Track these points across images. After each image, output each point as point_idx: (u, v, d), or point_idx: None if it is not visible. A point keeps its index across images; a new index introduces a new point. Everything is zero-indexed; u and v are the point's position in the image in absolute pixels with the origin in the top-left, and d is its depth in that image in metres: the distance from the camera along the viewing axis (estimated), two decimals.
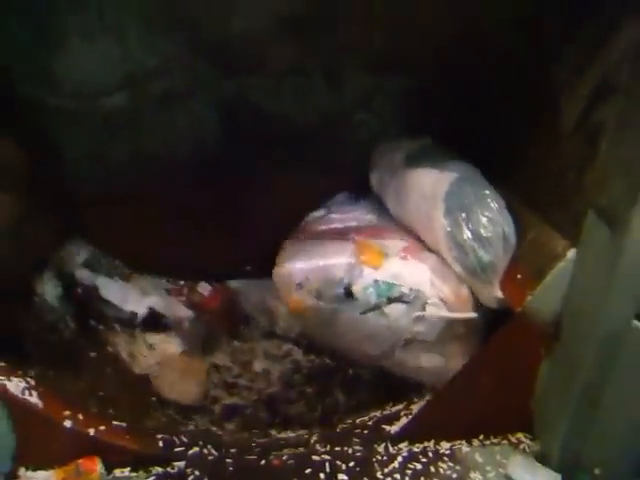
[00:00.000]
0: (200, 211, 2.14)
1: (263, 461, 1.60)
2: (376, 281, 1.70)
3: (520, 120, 1.71)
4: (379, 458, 1.61)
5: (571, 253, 1.44)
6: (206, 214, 2.15)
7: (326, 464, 1.58)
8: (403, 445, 1.66)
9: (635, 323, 1.34)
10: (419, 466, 1.59)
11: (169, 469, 1.57)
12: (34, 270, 1.88)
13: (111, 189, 2.04)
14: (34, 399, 1.50)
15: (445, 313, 1.66)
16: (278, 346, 2.23)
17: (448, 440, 1.69)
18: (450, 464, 1.60)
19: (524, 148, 1.68)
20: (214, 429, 1.80)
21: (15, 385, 1.49)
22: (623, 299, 1.33)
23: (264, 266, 2.31)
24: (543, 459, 1.59)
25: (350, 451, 1.64)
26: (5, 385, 1.47)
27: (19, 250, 1.70)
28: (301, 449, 1.66)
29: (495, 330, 1.60)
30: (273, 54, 2.01)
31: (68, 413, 1.54)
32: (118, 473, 1.56)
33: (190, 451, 1.62)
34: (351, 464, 1.58)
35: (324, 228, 1.99)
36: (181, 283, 2.30)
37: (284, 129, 2.08)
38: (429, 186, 1.73)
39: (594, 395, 1.44)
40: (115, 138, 2.01)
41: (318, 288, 1.76)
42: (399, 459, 1.61)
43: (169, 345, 2.10)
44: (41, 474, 1.53)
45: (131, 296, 2.12)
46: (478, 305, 1.68)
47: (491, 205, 1.60)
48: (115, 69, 1.92)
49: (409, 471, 1.57)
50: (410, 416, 1.69)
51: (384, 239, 1.83)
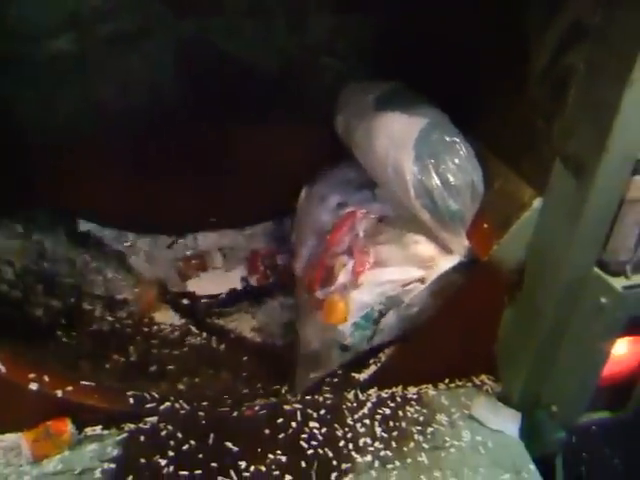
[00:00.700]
0: (158, 162, 2.05)
1: (235, 412, 1.63)
2: (354, 324, 1.68)
3: (487, 65, 1.66)
4: (349, 405, 1.66)
5: (537, 202, 1.44)
6: (165, 165, 2.06)
7: (297, 413, 1.62)
8: (372, 391, 1.71)
9: (595, 270, 1.37)
10: (388, 411, 1.64)
11: (141, 425, 1.58)
12: None
13: (61, 141, 1.92)
14: None
15: (423, 286, 1.66)
16: None
17: (415, 385, 1.74)
18: (417, 408, 1.66)
19: (492, 94, 1.64)
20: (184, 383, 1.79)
21: None
22: (586, 247, 1.35)
23: (228, 217, 2.28)
24: (505, 399, 1.67)
25: (320, 399, 1.68)
26: None
27: None
28: (272, 399, 1.69)
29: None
30: None
31: (33, 376, 1.51)
32: (90, 431, 1.56)
33: (162, 406, 1.63)
34: (322, 412, 1.63)
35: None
36: None
37: (245, 74, 1.97)
38: (398, 132, 1.68)
39: (554, 339, 1.50)
40: (63, 85, 1.86)
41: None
42: (368, 405, 1.66)
43: None
44: (10, 436, 1.52)
45: None
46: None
47: (460, 153, 1.57)
48: (58, 8, 1.75)
49: (378, 416, 1.62)
50: (378, 363, 1.72)
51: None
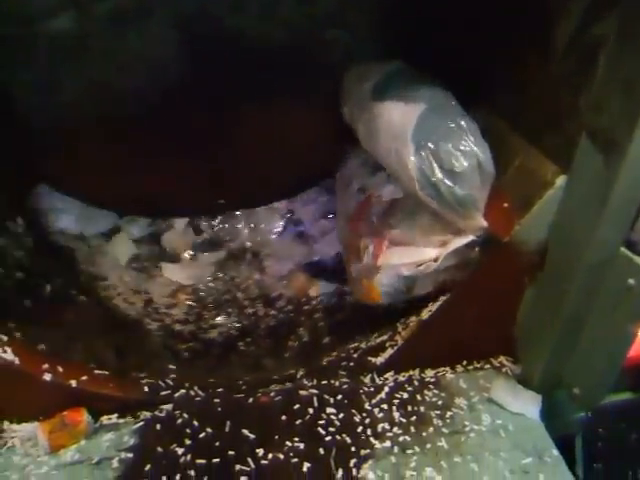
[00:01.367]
0: (164, 143, 1.99)
1: (251, 399, 1.61)
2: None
3: (508, 35, 1.57)
4: (366, 390, 1.63)
5: (561, 180, 1.38)
6: (171, 146, 2.01)
7: (314, 398, 1.60)
8: (389, 375, 1.68)
9: (623, 250, 1.32)
10: (405, 395, 1.62)
11: (157, 413, 1.57)
12: None
13: (62, 122, 1.86)
14: (9, 355, 1.44)
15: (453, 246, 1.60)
16: None
17: (433, 368, 1.71)
18: (435, 391, 1.63)
19: (512, 67, 1.56)
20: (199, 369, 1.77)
21: None
22: (613, 226, 1.29)
23: (237, 198, 2.23)
24: (525, 381, 1.64)
25: (337, 384, 1.66)
26: None
27: None
28: (288, 384, 1.67)
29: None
30: None
31: (47, 366, 1.49)
32: (105, 420, 1.55)
33: (176, 394, 1.61)
34: (339, 397, 1.60)
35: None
36: None
37: (251, 48, 1.89)
38: (396, 124, 1.61)
39: (577, 321, 1.46)
40: (63, 66, 1.80)
41: None
42: (386, 389, 1.63)
43: None
44: (26, 426, 1.51)
45: None
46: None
47: (462, 137, 1.48)
48: None
49: (396, 400, 1.60)
50: (395, 346, 1.69)
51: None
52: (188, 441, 1.48)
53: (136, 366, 1.66)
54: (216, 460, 1.43)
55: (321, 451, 1.45)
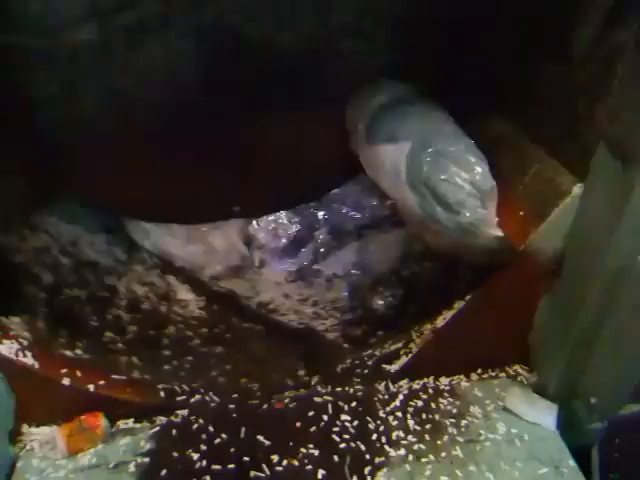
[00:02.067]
0: (181, 151, 2.02)
1: (265, 405, 1.62)
2: None
3: (525, 44, 1.58)
4: (380, 397, 1.63)
5: (577, 189, 1.38)
6: (188, 154, 2.04)
7: (328, 405, 1.60)
8: (403, 383, 1.68)
9: None
10: (420, 403, 1.61)
11: (173, 418, 1.58)
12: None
13: (84, 132, 1.90)
14: (29, 360, 1.47)
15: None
16: None
17: (447, 376, 1.71)
18: (450, 399, 1.63)
19: (527, 74, 1.57)
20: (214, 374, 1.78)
21: (7, 348, 1.45)
22: (631, 234, 1.29)
23: (254, 206, 2.25)
24: (540, 390, 1.63)
25: (351, 391, 1.66)
26: None
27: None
28: (302, 391, 1.67)
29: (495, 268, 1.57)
30: None
31: (65, 371, 1.51)
32: (122, 425, 1.56)
33: (192, 399, 1.63)
34: (353, 404, 1.60)
35: None
36: None
37: (267, 59, 1.91)
38: (389, 167, 1.72)
39: (594, 329, 1.44)
40: (85, 76, 1.83)
41: None
42: (400, 397, 1.63)
43: None
44: (45, 430, 1.53)
45: None
46: None
47: (452, 169, 1.53)
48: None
49: (410, 408, 1.60)
50: (410, 354, 1.69)
51: None
52: (203, 446, 1.49)
53: None
54: (231, 466, 1.44)
55: (335, 458, 1.46)
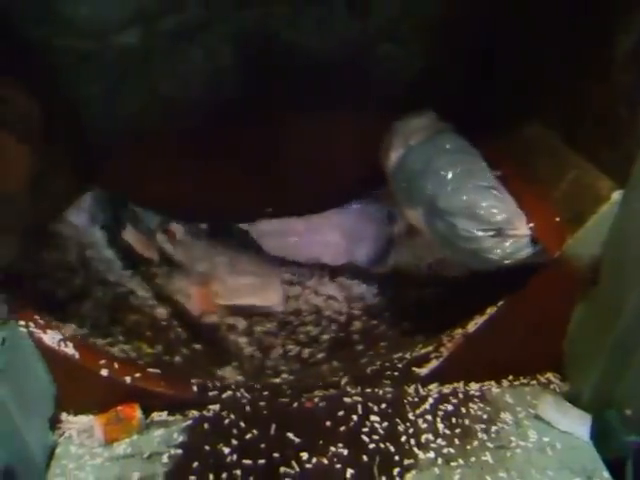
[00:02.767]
0: (219, 152, 2.06)
1: (296, 404, 1.64)
2: None
3: (564, 48, 1.57)
4: (410, 400, 1.64)
5: (617, 195, 1.37)
6: (225, 155, 2.08)
7: (358, 406, 1.61)
8: (433, 386, 1.68)
9: None
10: (450, 407, 1.61)
11: (205, 412, 1.62)
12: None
13: (126, 133, 1.96)
14: (70, 350, 1.52)
15: None
16: None
17: (477, 381, 1.70)
18: (481, 405, 1.62)
19: (567, 80, 1.56)
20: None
21: (50, 337, 1.51)
22: None
23: (286, 208, 2.28)
24: (573, 399, 1.61)
25: (381, 393, 1.67)
26: (41, 338, 1.49)
27: (40, 204, 1.66)
28: (332, 391, 1.69)
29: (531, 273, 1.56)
30: None
31: (104, 362, 1.56)
32: (156, 417, 1.61)
33: (224, 394, 1.66)
34: (383, 406, 1.61)
35: None
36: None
37: (305, 63, 1.94)
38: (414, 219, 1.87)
39: (632, 338, 1.42)
40: (128, 79, 1.90)
41: None
42: (430, 400, 1.63)
43: None
44: (83, 419, 1.58)
45: None
46: None
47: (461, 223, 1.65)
48: (125, 3, 1.77)
49: (440, 412, 1.59)
50: (440, 358, 1.69)
51: None
52: (235, 441, 1.52)
53: None
54: (261, 461, 1.46)
55: (365, 458, 1.47)
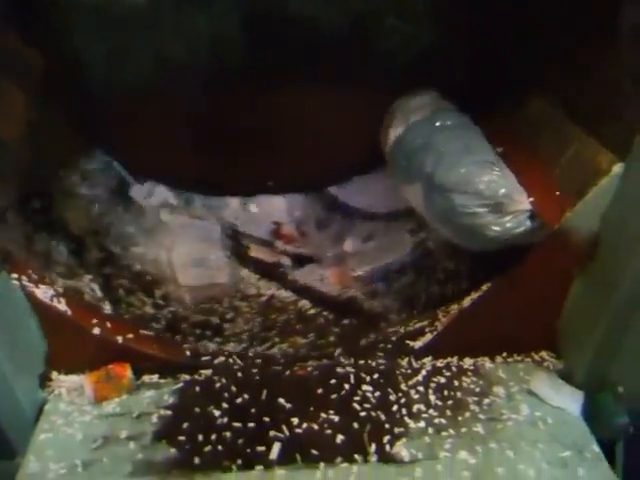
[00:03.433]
0: (221, 121, 2.05)
1: (288, 371, 1.63)
2: None
3: (572, 21, 1.56)
4: (403, 371, 1.63)
5: (617, 168, 1.36)
6: (228, 124, 2.06)
7: (350, 375, 1.60)
8: (427, 360, 1.68)
9: None
10: (443, 380, 1.60)
11: (196, 376, 1.61)
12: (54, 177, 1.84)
13: (129, 95, 1.94)
14: (62, 306, 1.51)
15: None
16: None
17: (471, 356, 1.69)
18: (474, 379, 1.61)
19: (574, 54, 1.55)
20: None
21: (43, 292, 1.49)
22: None
23: (288, 181, 2.26)
24: (567, 377, 1.60)
25: (374, 364, 1.66)
26: (33, 292, 1.47)
27: (38, 155, 1.65)
28: (325, 361, 1.68)
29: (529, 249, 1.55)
30: None
31: (96, 321, 1.55)
32: (147, 379, 1.59)
33: (216, 360, 1.65)
34: (375, 376, 1.61)
35: None
36: None
37: (312, 34, 1.92)
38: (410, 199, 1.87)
39: (628, 315, 1.41)
40: (133, 40, 1.88)
41: None
42: (423, 372, 1.62)
43: None
44: (73, 378, 1.57)
45: None
46: None
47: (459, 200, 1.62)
48: None
49: (433, 384, 1.59)
50: (435, 332, 1.68)
51: None
52: (225, 405, 1.51)
53: None
54: (251, 425, 1.45)
55: (355, 425, 1.46)
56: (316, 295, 2.05)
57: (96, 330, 1.53)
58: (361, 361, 1.67)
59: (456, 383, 1.59)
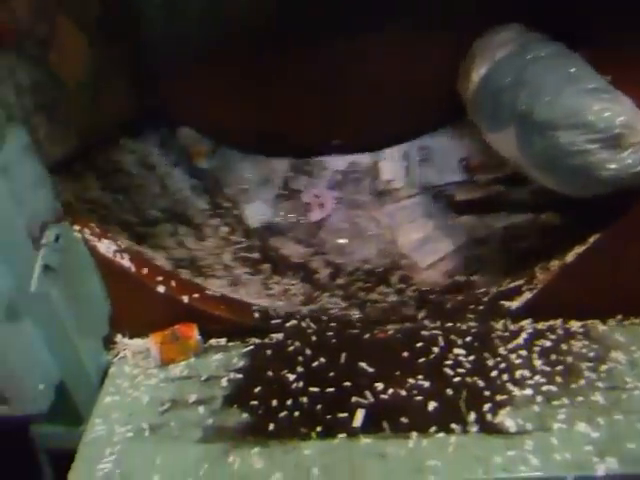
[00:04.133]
0: (282, 76, 1.91)
1: (367, 335, 1.46)
2: None
3: None
4: (499, 334, 1.43)
5: None
6: (289, 79, 1.92)
7: (439, 338, 1.42)
8: (525, 323, 1.46)
9: None
10: (548, 343, 1.39)
11: (267, 340, 1.47)
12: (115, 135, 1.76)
13: (185, 53, 1.84)
14: (126, 262, 1.41)
15: None
16: None
17: (578, 319, 1.47)
18: (585, 342, 1.39)
19: None
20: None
21: (105, 247, 1.39)
22: None
23: (354, 139, 2.10)
24: None
25: (464, 327, 1.47)
26: (96, 246, 1.38)
27: (98, 104, 1.56)
28: (407, 324, 1.50)
29: None
30: None
31: (161, 279, 1.44)
32: (214, 342, 1.47)
33: (287, 323, 1.51)
34: (467, 339, 1.42)
35: None
36: None
37: None
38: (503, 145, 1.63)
39: None
40: None
41: None
42: (524, 335, 1.42)
43: None
44: (138, 341, 1.47)
45: None
46: None
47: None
48: None
49: (537, 348, 1.38)
50: (534, 290, 1.46)
51: None
52: (300, 368, 1.37)
53: None
54: (330, 390, 1.30)
55: (449, 392, 1.28)
56: None
57: (161, 288, 1.43)
58: (448, 324, 1.48)
59: (564, 347, 1.38)
